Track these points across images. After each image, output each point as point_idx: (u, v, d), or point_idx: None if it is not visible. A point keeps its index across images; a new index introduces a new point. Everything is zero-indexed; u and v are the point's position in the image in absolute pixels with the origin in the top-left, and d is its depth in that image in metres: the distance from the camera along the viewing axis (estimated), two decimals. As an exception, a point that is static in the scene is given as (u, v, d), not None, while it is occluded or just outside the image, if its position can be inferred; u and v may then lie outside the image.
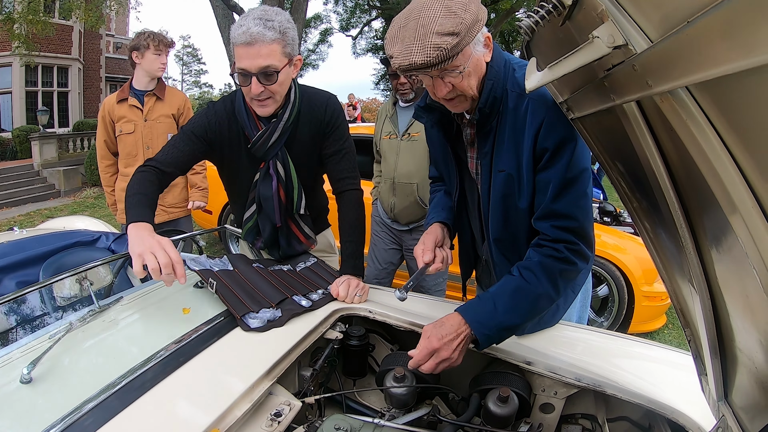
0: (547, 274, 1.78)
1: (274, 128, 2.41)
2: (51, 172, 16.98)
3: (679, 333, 5.33)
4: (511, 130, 1.79)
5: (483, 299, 1.81)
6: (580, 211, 1.79)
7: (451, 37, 1.50)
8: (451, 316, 1.77)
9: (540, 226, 1.83)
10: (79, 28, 23.74)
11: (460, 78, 1.65)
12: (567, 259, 1.79)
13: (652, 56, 0.74)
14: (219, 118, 2.45)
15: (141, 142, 4.23)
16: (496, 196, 1.90)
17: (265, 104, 2.31)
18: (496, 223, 1.96)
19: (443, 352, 1.70)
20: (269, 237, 2.66)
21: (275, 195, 2.53)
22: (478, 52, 1.67)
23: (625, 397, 1.67)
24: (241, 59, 2.18)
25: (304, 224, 2.68)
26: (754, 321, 0.93)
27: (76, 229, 3.84)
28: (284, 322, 1.94)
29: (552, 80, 1.08)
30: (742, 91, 0.61)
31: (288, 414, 1.53)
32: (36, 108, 22.17)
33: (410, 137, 3.88)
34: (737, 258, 0.88)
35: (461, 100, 1.76)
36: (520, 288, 1.78)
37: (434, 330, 1.73)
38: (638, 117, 0.96)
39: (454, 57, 1.54)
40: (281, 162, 2.50)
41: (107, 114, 4.23)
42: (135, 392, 1.48)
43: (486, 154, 1.87)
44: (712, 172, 0.76)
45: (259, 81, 2.21)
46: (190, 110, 4.51)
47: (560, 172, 1.74)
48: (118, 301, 2.09)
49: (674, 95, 0.75)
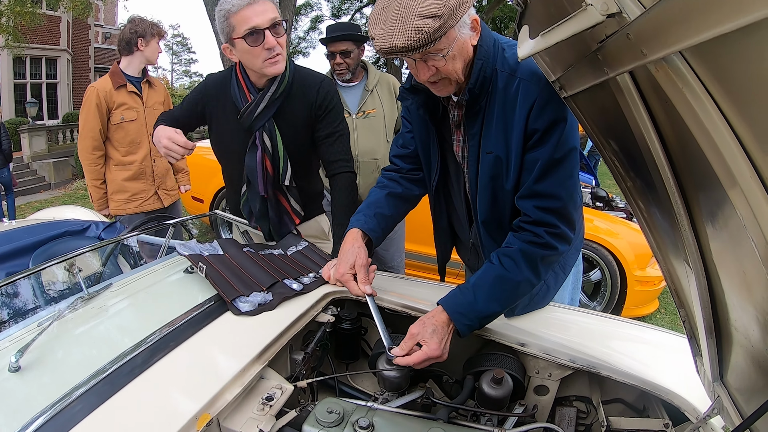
0: (527, 260, 1.77)
1: (261, 98, 2.48)
2: (41, 164, 16.90)
3: (671, 318, 5.36)
4: (501, 111, 1.76)
5: (463, 290, 1.80)
6: (564, 191, 1.78)
7: (434, 19, 1.46)
8: (438, 315, 1.76)
9: (522, 205, 1.82)
10: (67, 19, 23.55)
11: (444, 62, 1.62)
12: (548, 245, 1.78)
13: (646, 23, 0.73)
14: (215, 82, 2.64)
15: (144, 129, 4.18)
16: (485, 179, 1.88)
17: (277, 60, 2.39)
18: (485, 205, 1.94)
19: (441, 357, 1.71)
20: (259, 209, 2.70)
21: (259, 165, 2.58)
22: (464, 35, 1.64)
23: (619, 378, 1.67)
24: (250, 19, 2.26)
25: (291, 197, 2.71)
26: (751, 297, 0.93)
27: (65, 219, 3.81)
28: (275, 305, 1.92)
29: (545, 48, 1.06)
30: (736, 53, 0.60)
31: (280, 398, 1.52)
32: (25, 100, 22.03)
33: (366, 114, 3.88)
34: (734, 233, 0.87)
35: (445, 83, 1.73)
36: (500, 276, 1.78)
37: (430, 335, 1.71)
38: (632, 90, 0.95)
39: (437, 40, 1.51)
40: (268, 133, 2.54)
41: (103, 101, 4.03)
42: (124, 378, 1.47)
43: (474, 135, 1.85)
44: (709, 142, 0.75)
45: (272, 34, 2.32)
46: (169, 97, 4.55)
47: (548, 152, 1.72)
48: (107, 288, 2.07)
49: (669, 63, 0.74)
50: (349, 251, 2.00)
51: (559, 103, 1.60)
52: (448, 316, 1.74)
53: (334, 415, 1.44)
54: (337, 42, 3.69)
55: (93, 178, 4.22)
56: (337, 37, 3.69)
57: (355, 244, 2.02)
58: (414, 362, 1.67)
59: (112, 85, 4.08)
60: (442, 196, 2.21)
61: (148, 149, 4.20)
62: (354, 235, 2.05)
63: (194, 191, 5.09)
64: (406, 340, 1.73)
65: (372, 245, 2.12)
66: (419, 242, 5.20)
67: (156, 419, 1.33)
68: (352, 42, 3.73)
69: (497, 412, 1.68)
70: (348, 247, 2.01)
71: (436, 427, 1.47)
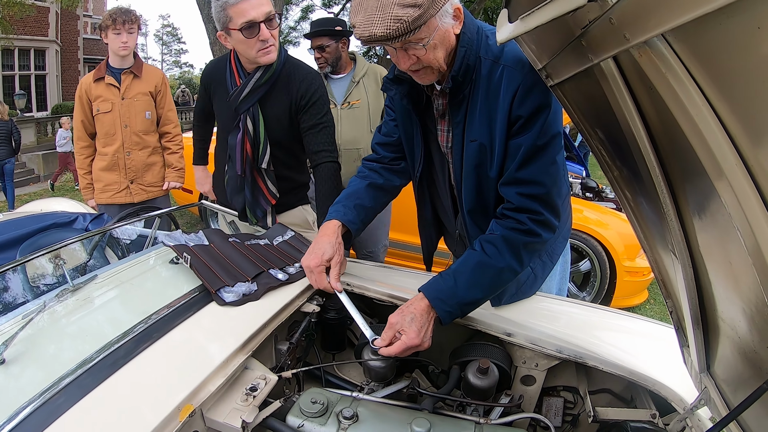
0: (509, 247, 1.76)
1: (246, 83, 2.65)
2: (30, 156, 16.81)
3: (660, 308, 5.38)
4: (485, 98, 1.75)
5: (444, 276, 1.78)
6: (548, 178, 1.77)
7: (413, 8, 1.45)
8: (417, 302, 1.74)
9: (505, 192, 1.81)
10: (56, 9, 23.40)
11: (424, 51, 1.61)
12: (531, 231, 1.77)
13: (628, 6, 0.72)
14: (215, 66, 2.93)
15: (119, 121, 4.16)
16: (469, 167, 1.87)
17: (270, 50, 2.56)
18: (470, 194, 1.93)
19: (422, 345, 1.69)
20: (234, 186, 2.86)
21: (239, 145, 2.73)
22: (446, 24, 1.62)
23: (606, 369, 1.67)
24: (246, 12, 2.42)
25: (268, 179, 2.82)
26: (738, 289, 0.93)
27: (53, 211, 3.79)
28: (260, 295, 1.91)
29: (524, 32, 1.05)
30: (718, 36, 0.60)
31: (264, 388, 1.51)
32: (13, 92, 21.90)
33: (350, 105, 3.98)
34: (720, 224, 0.87)
35: (427, 72, 1.72)
36: (481, 263, 1.76)
37: (408, 324, 1.69)
38: (617, 77, 0.94)
39: (417, 29, 1.50)
40: (251, 117, 2.69)
41: (84, 93, 4.15)
42: (108, 369, 1.46)
43: (458, 124, 1.84)
44: (695, 130, 0.74)
45: (266, 27, 2.50)
46: (167, 87, 4.46)
47: (531, 138, 1.71)
48: (93, 279, 2.06)
49: (652, 46, 0.73)
50: (327, 243, 1.97)
51: (543, 89, 1.60)
52: (428, 303, 1.72)
53: (318, 405, 1.43)
54: (314, 37, 3.87)
55: (79, 166, 4.37)
56: (314, 32, 3.88)
57: (333, 239, 2.00)
58: (395, 353, 1.66)
59: (92, 78, 4.15)
60: (426, 187, 2.20)
61: (122, 141, 4.17)
62: (332, 228, 2.03)
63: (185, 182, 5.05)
64: (386, 331, 1.72)
65: (350, 237, 2.12)
66: (405, 231, 5.20)
67: (139, 410, 1.32)
68: (328, 37, 3.88)
69: (483, 402, 1.68)
70: (326, 240, 1.99)
71: (422, 417, 1.47)
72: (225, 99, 2.78)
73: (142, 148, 4.21)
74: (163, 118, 4.38)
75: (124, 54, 4.09)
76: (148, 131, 4.27)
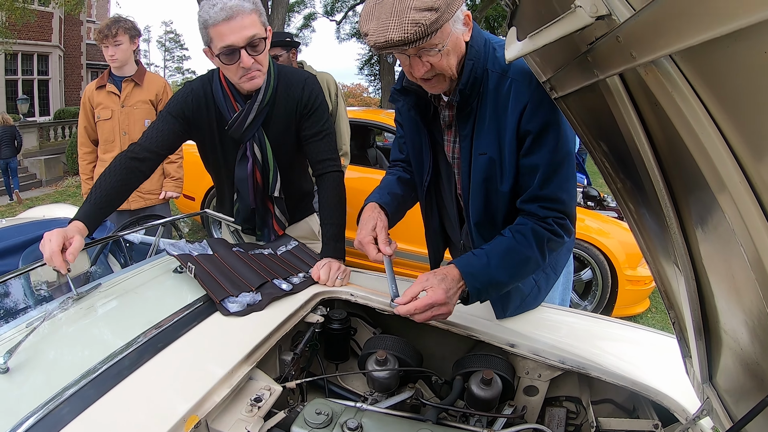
0: (536, 239, 1.78)
1: (249, 109, 2.40)
2: (32, 161, 16.84)
3: (662, 317, 5.38)
4: (493, 112, 1.76)
5: (477, 254, 1.79)
6: (566, 194, 1.80)
7: (430, 12, 1.45)
8: (451, 270, 1.74)
9: (528, 207, 1.83)
10: (59, 15, 23.43)
11: (439, 57, 1.61)
12: (555, 231, 1.80)
13: (636, 26, 0.72)
14: (196, 95, 2.44)
15: (118, 128, 4.23)
16: (477, 180, 1.88)
17: (254, 76, 2.29)
18: (477, 206, 1.94)
19: (446, 306, 1.69)
20: (245, 216, 2.69)
21: (250, 177, 2.54)
22: (458, 30, 1.64)
23: (609, 379, 1.67)
24: (225, 36, 2.13)
25: (278, 207, 2.69)
26: (740, 301, 0.93)
27: (55, 217, 3.79)
28: (264, 306, 1.92)
29: (532, 50, 1.06)
30: (726, 58, 0.60)
31: (268, 399, 1.51)
32: (16, 97, 21.93)
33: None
34: (723, 237, 0.87)
35: (440, 80, 1.72)
36: (512, 248, 1.78)
37: (438, 282, 1.69)
38: (622, 93, 0.94)
39: (433, 34, 1.50)
40: (258, 144, 2.49)
41: (87, 100, 4.25)
42: (113, 379, 1.46)
43: (466, 137, 1.85)
44: (698, 146, 0.74)
45: (248, 53, 2.19)
46: (169, 95, 4.44)
47: (546, 157, 1.73)
48: (96, 288, 2.05)
49: (659, 66, 0.74)
50: (368, 218, 1.99)
51: (552, 105, 1.60)
52: (459, 273, 1.73)
53: (323, 416, 1.43)
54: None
55: (82, 172, 4.51)
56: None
57: (374, 211, 2.02)
58: (417, 307, 1.66)
59: (95, 85, 4.26)
60: (433, 197, 2.20)
61: (120, 149, 4.18)
62: (371, 206, 2.05)
63: (186, 189, 5.06)
64: (411, 287, 1.71)
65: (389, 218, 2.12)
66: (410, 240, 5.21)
67: (144, 421, 1.32)
68: (281, 47, 4.19)
69: (487, 413, 1.68)
70: (367, 215, 2.01)
71: (425, 428, 1.47)
72: (220, 128, 2.48)
73: None
74: None
75: (115, 66, 4.17)
76: None
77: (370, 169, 6.20)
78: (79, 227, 2.03)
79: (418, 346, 1.95)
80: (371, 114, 7.09)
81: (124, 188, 2.27)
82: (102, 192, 2.19)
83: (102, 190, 2.19)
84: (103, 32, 4.04)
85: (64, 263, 1.89)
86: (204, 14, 2.12)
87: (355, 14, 31.65)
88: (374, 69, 37.04)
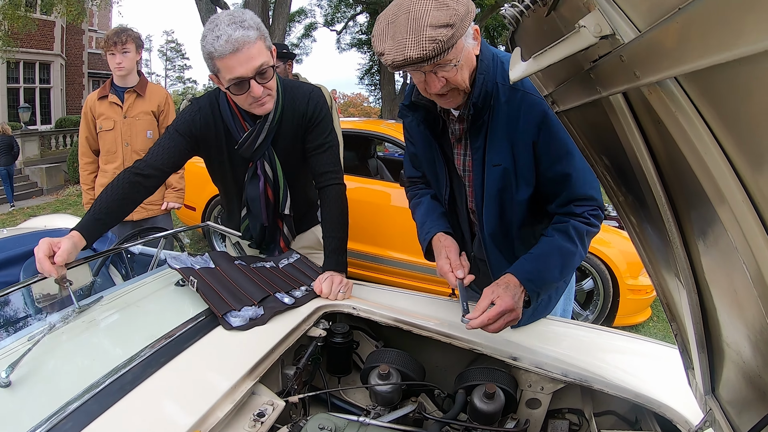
0: (578, 234, 1.84)
1: (260, 129, 2.40)
2: (33, 169, 16.89)
3: (664, 326, 5.37)
4: (504, 124, 1.79)
5: (528, 260, 1.86)
6: (595, 191, 1.87)
7: (446, 28, 1.48)
8: (510, 278, 1.81)
9: (563, 210, 1.89)
10: (61, 24, 23.53)
11: (454, 71, 1.63)
12: (591, 222, 1.86)
13: (640, 46, 0.73)
14: (204, 114, 2.44)
15: (120, 139, 4.23)
16: (492, 191, 1.89)
17: (264, 102, 2.29)
18: (491, 217, 1.96)
19: (515, 311, 1.74)
20: (258, 236, 2.69)
21: (262, 195, 2.54)
22: (470, 45, 1.66)
23: (611, 391, 1.68)
24: (234, 69, 2.12)
25: (286, 224, 2.70)
26: (742, 316, 0.93)
27: (56, 228, 3.79)
28: (267, 320, 1.92)
29: (537, 71, 1.06)
30: (731, 80, 0.60)
31: (271, 414, 1.52)
32: (18, 105, 21.99)
33: None
34: (725, 252, 0.87)
35: (454, 94, 1.74)
36: (560, 247, 1.84)
37: (504, 291, 1.76)
38: (625, 110, 0.95)
39: (449, 50, 1.52)
40: (269, 162, 2.50)
41: (89, 111, 4.24)
42: (115, 394, 1.46)
43: (478, 149, 1.87)
44: (701, 164, 0.75)
45: (258, 83, 2.19)
46: (171, 106, 4.49)
47: (574, 164, 1.78)
48: (99, 301, 2.06)
49: (662, 86, 0.74)
50: (440, 247, 2.02)
51: None
52: (518, 280, 1.79)
53: (326, 431, 1.43)
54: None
55: (83, 182, 4.49)
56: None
57: (442, 240, 2.04)
58: (490, 317, 1.69)
59: (97, 96, 4.25)
60: (453, 211, 2.22)
61: (122, 160, 4.23)
62: (437, 238, 2.06)
63: (187, 199, 5.06)
64: (480, 302, 1.75)
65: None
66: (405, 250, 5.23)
67: (147, 436, 1.32)
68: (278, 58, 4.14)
69: (489, 427, 1.68)
70: (438, 245, 2.04)
71: (429, 442, 1.47)
72: (229, 147, 2.48)
73: None
74: None
75: (120, 74, 4.15)
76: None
77: (371, 180, 6.21)
78: (73, 236, 2.04)
79: (421, 359, 1.96)
80: (372, 124, 7.09)
81: (125, 203, 2.27)
82: (103, 205, 2.19)
83: (103, 203, 2.19)
84: (111, 39, 4.04)
85: (53, 268, 1.90)
86: (209, 46, 2.10)
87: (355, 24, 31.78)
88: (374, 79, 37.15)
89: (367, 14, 29.26)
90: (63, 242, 1.96)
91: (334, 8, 30.77)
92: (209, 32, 2.10)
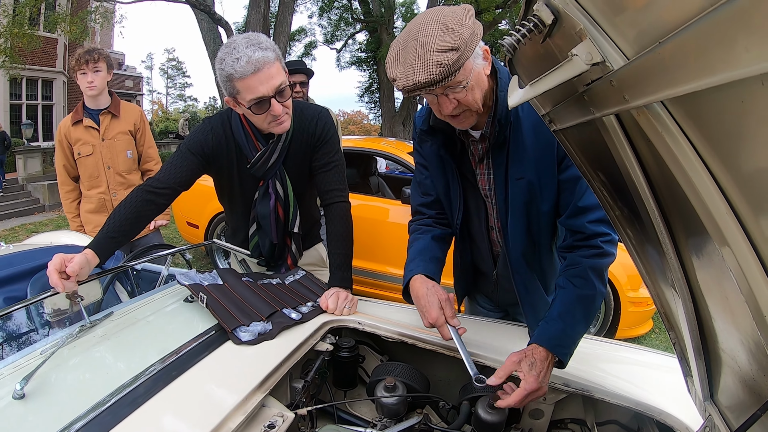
0: (596, 274, 1.83)
1: (273, 149, 2.46)
2: (35, 186, 16.90)
3: (665, 337, 5.37)
4: (527, 137, 1.83)
5: (550, 321, 1.80)
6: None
7: (452, 52, 1.52)
8: (537, 351, 1.73)
9: (573, 224, 1.87)
10: (64, 41, 23.61)
11: (465, 93, 1.67)
12: (606, 253, 1.84)
13: (628, 73, 0.77)
14: (216, 133, 2.48)
15: (101, 163, 4.16)
16: (517, 204, 1.93)
17: (283, 120, 2.33)
18: (518, 231, 1.99)
19: (541, 390, 1.68)
20: (267, 253, 2.72)
21: (273, 213, 2.59)
22: (479, 66, 1.70)
23: (613, 400, 1.70)
24: (255, 89, 2.16)
25: (294, 242, 2.74)
26: (735, 322, 0.96)
27: (63, 244, 3.81)
28: (275, 334, 1.95)
29: (533, 97, 1.11)
30: (711, 104, 0.64)
31: (281, 425, 1.54)
32: (20, 121, 22.07)
33: None
34: (716, 263, 0.91)
35: (467, 115, 1.78)
36: (579, 297, 1.82)
37: (528, 369, 1.69)
38: (617, 129, 0.99)
39: (456, 72, 1.56)
40: (280, 181, 2.54)
41: (64, 138, 4.15)
42: (127, 408, 1.48)
43: (500, 165, 1.91)
44: (688, 182, 0.79)
45: (278, 101, 2.23)
46: (146, 124, 4.44)
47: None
48: (109, 317, 2.09)
49: (650, 109, 0.78)
50: (428, 294, 1.93)
51: None
52: (546, 350, 1.73)
53: (335, 442, 1.46)
54: (293, 74, 4.13)
55: (67, 210, 4.38)
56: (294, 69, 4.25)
57: (429, 285, 1.97)
58: (515, 402, 1.64)
59: (71, 121, 4.14)
60: (466, 234, 2.25)
61: (107, 183, 4.19)
62: (421, 280, 2.00)
63: (190, 217, 5.05)
64: (503, 367, 1.72)
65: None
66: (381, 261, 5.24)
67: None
68: (305, 74, 4.38)
69: (494, 438, 1.70)
70: (424, 291, 1.95)
71: (434, 452, 1.49)
72: (241, 166, 2.53)
73: (127, 188, 4.19)
74: (143, 156, 4.37)
75: (92, 94, 4.06)
76: (131, 170, 4.27)
77: (372, 197, 6.24)
78: (87, 253, 2.07)
79: (425, 372, 1.98)
80: (372, 142, 7.13)
81: (139, 221, 2.30)
82: (116, 223, 2.22)
83: (116, 221, 2.23)
84: (83, 58, 3.96)
85: (65, 283, 1.94)
86: (228, 68, 2.14)
87: (354, 42, 31.82)
88: (374, 96, 37.11)
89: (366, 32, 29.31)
90: (76, 258, 2.00)
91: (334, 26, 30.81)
92: (227, 55, 2.14)
